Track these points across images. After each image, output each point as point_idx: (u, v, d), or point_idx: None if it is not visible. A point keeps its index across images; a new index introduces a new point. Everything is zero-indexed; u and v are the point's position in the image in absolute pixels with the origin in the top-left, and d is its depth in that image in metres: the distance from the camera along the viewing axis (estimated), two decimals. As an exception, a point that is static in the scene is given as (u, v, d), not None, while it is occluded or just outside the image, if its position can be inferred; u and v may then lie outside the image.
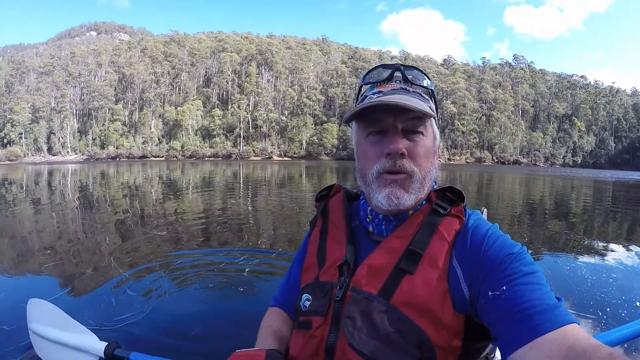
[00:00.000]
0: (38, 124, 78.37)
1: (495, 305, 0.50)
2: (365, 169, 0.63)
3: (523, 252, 0.55)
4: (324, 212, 0.76)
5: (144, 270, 2.93)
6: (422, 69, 0.67)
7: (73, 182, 13.66)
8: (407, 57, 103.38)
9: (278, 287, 0.82)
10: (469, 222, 0.61)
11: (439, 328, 0.54)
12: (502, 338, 0.49)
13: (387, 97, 0.59)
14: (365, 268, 0.60)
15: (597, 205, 8.42)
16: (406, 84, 0.64)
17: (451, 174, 23.02)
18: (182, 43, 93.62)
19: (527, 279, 0.50)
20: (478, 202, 8.31)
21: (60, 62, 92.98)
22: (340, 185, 0.79)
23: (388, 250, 0.61)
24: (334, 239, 0.69)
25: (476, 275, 0.55)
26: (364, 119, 0.63)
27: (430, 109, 0.61)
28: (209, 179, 15.54)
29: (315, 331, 0.61)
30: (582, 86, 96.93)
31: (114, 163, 48.19)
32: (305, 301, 0.65)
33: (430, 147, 0.62)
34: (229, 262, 3.13)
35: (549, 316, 0.45)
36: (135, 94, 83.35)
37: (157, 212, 6.19)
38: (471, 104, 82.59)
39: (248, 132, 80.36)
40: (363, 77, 0.69)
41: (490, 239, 0.57)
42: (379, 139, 0.61)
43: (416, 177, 0.60)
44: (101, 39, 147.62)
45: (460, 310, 0.55)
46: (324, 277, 0.65)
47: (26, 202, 7.75)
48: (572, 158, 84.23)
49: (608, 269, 3.12)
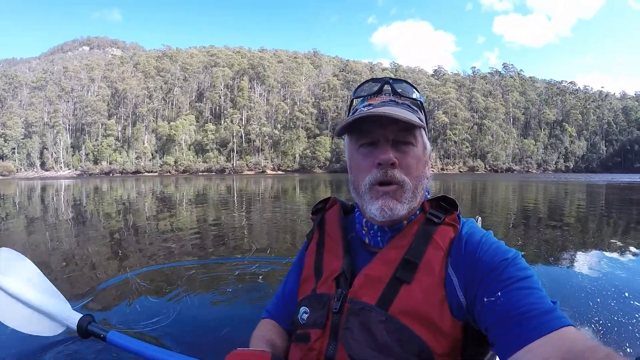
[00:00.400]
0: (31, 139, 78.27)
1: (491, 311, 0.51)
2: (358, 181, 0.64)
3: (517, 257, 0.55)
4: (321, 225, 0.76)
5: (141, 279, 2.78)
6: (411, 82, 0.69)
7: (66, 198, 13.40)
8: (397, 69, 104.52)
9: (272, 298, 0.82)
10: (463, 229, 0.61)
11: (437, 336, 0.55)
12: (498, 343, 0.49)
13: (376, 110, 0.60)
14: (363, 279, 0.61)
15: (591, 208, 8.42)
16: (395, 97, 0.66)
17: (445, 184, 22.85)
18: (174, 58, 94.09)
19: (522, 284, 0.50)
20: (472, 210, 8.33)
21: (53, 77, 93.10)
22: (336, 198, 0.79)
23: (384, 260, 0.61)
24: (331, 252, 0.69)
25: (471, 282, 0.55)
26: (356, 132, 0.64)
27: (419, 120, 0.62)
28: (203, 193, 15.44)
29: (314, 344, 0.61)
30: (572, 92, 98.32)
31: (107, 178, 47.70)
32: (303, 314, 0.65)
33: (420, 157, 0.63)
34: (221, 270, 3.09)
35: (544, 319, 0.45)
36: (128, 109, 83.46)
37: (152, 226, 6.20)
38: (462, 114, 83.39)
39: (241, 146, 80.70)
40: (354, 91, 0.71)
41: (485, 245, 0.57)
42: (370, 150, 0.62)
43: (407, 187, 0.60)
44: (94, 54, 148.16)
45: (458, 317, 0.56)
46: (322, 289, 0.65)
47: (19, 217, 7.68)
48: (565, 163, 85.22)
49: (604, 272, 3.09)
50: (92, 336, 1.03)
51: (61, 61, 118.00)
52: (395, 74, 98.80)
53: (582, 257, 3.74)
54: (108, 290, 2.47)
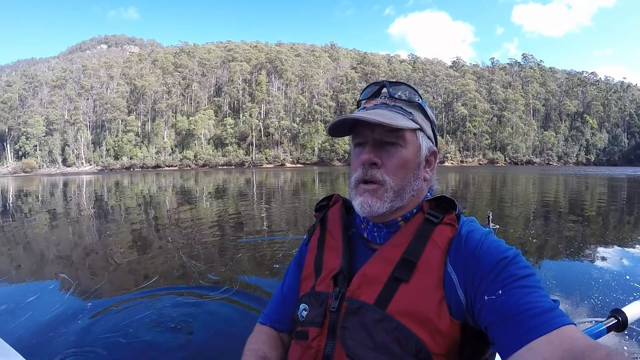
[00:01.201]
0: (52, 136, 79.69)
1: (491, 310, 0.51)
2: (350, 178, 0.68)
3: (518, 255, 0.55)
4: (323, 221, 0.77)
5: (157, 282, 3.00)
6: (412, 85, 0.69)
7: (88, 193, 13.86)
8: (415, 61, 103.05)
9: (270, 299, 0.81)
10: (463, 229, 0.62)
11: (436, 335, 0.55)
12: (499, 342, 0.49)
13: (364, 113, 0.62)
14: (360, 278, 0.62)
15: (612, 203, 8.36)
16: (389, 99, 0.67)
17: (464, 177, 22.72)
18: (191, 54, 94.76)
19: (522, 283, 0.51)
20: (492, 202, 8.32)
21: (72, 75, 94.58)
22: (339, 195, 0.80)
23: (382, 259, 0.62)
24: (331, 249, 0.70)
25: (471, 281, 0.55)
26: (353, 133, 0.68)
27: (412, 122, 0.64)
28: (223, 187, 15.79)
29: (312, 342, 0.61)
30: (593, 83, 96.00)
31: (128, 173, 48.50)
32: (302, 311, 0.66)
33: (409, 158, 0.64)
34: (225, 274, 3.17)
35: (545, 318, 0.46)
36: (147, 105, 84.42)
37: (173, 220, 6.35)
38: (482, 105, 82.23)
39: (260, 140, 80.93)
40: (360, 94, 0.74)
41: (484, 244, 0.57)
42: (360, 150, 0.65)
43: (388, 187, 0.62)
44: (112, 52, 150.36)
45: (456, 316, 0.56)
46: (320, 287, 0.66)
47: (42, 212, 7.85)
48: (586, 156, 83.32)
49: (626, 268, 3.02)
50: None
51: (80, 60, 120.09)
52: (414, 66, 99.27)
53: (602, 252, 3.65)
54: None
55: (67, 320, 2.29)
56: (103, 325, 2.21)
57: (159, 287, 2.87)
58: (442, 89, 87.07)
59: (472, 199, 9.80)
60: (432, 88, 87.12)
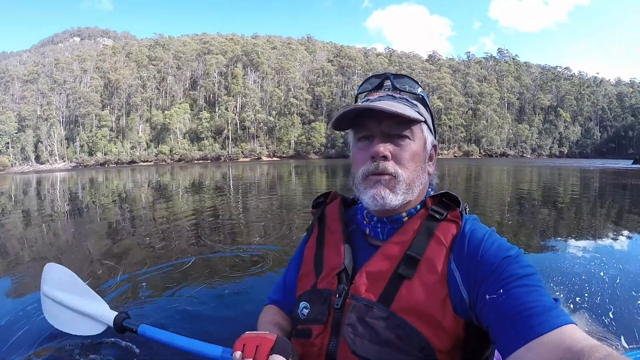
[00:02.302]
0: (25, 133, 77.37)
1: (492, 308, 0.51)
2: (355, 172, 0.65)
3: (520, 254, 0.55)
4: (321, 219, 0.76)
5: (140, 272, 2.89)
6: (413, 78, 0.69)
7: (62, 191, 13.44)
8: (392, 54, 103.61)
9: (274, 286, 0.83)
10: (466, 226, 0.61)
11: (439, 333, 0.55)
12: (500, 340, 0.49)
13: (370, 104, 0.60)
14: (364, 275, 0.61)
15: (584, 193, 8.47)
16: (394, 91, 0.66)
17: (439, 169, 22.73)
18: (167, 46, 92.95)
19: (523, 282, 0.51)
20: (467, 194, 8.45)
21: (45, 69, 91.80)
22: (336, 192, 0.80)
23: (386, 256, 0.61)
24: (331, 246, 0.69)
25: (474, 279, 0.55)
26: (355, 126, 0.65)
27: (418, 114, 0.63)
28: (199, 182, 15.54)
29: (315, 339, 0.61)
30: (567, 77, 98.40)
31: (102, 169, 47.22)
32: (303, 309, 0.65)
33: (418, 151, 0.63)
34: (226, 260, 3.15)
35: (545, 317, 0.46)
36: (122, 99, 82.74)
37: (147, 216, 6.29)
38: (457, 99, 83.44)
39: (236, 133, 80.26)
40: (359, 88, 0.72)
41: (487, 243, 0.57)
42: (367, 144, 0.63)
43: (401, 179, 0.61)
44: (85, 45, 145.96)
45: (461, 314, 0.56)
46: (322, 285, 0.65)
47: (16, 212, 7.65)
48: (559, 148, 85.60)
49: (598, 258, 2.98)
50: (127, 331, 1.16)
51: (52, 53, 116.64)
52: (390, 59, 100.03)
53: (575, 242, 3.65)
54: (113, 287, 2.51)
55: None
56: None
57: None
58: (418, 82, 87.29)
59: (448, 190, 9.83)
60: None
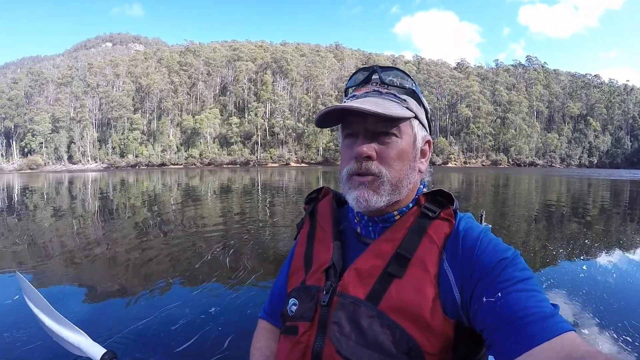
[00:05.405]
0: (58, 134, 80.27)
1: (489, 312, 0.49)
2: (341, 170, 0.64)
3: (516, 256, 0.54)
4: (312, 215, 0.74)
5: (159, 283, 3.08)
6: (403, 69, 0.66)
7: (93, 190, 13.96)
8: (420, 62, 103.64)
9: (268, 295, 0.81)
10: (460, 225, 0.59)
11: (428, 334, 0.53)
12: (497, 346, 0.48)
13: (356, 101, 0.59)
14: (353, 272, 0.59)
15: (616, 205, 8.38)
16: (381, 86, 0.63)
17: (467, 177, 22.81)
18: (197, 53, 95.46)
19: (521, 286, 0.49)
20: (495, 202, 8.51)
21: (78, 73, 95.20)
22: (329, 188, 0.78)
23: (376, 254, 0.60)
24: (321, 242, 0.68)
25: (469, 280, 0.53)
26: (343, 123, 0.63)
27: (407, 110, 0.60)
28: (227, 185, 15.91)
29: (302, 337, 0.59)
30: (596, 85, 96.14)
31: (133, 171, 48.61)
32: (291, 306, 0.64)
33: (405, 149, 0.61)
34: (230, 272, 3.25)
35: (545, 325, 0.45)
36: (153, 104, 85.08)
37: (177, 219, 6.38)
38: (485, 107, 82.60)
39: (265, 139, 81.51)
40: (347, 81, 0.70)
41: (483, 243, 0.55)
42: (352, 141, 0.61)
43: (385, 179, 0.59)
44: (117, 50, 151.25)
45: (451, 315, 0.54)
46: (310, 281, 0.63)
47: (47, 209, 7.87)
48: (588, 158, 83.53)
49: (628, 272, 2.99)
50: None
51: (85, 58, 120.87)
52: (418, 67, 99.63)
53: (604, 255, 3.60)
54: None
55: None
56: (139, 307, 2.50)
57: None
58: (447, 90, 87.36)
59: (475, 198, 10.18)
60: (436, 89, 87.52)
